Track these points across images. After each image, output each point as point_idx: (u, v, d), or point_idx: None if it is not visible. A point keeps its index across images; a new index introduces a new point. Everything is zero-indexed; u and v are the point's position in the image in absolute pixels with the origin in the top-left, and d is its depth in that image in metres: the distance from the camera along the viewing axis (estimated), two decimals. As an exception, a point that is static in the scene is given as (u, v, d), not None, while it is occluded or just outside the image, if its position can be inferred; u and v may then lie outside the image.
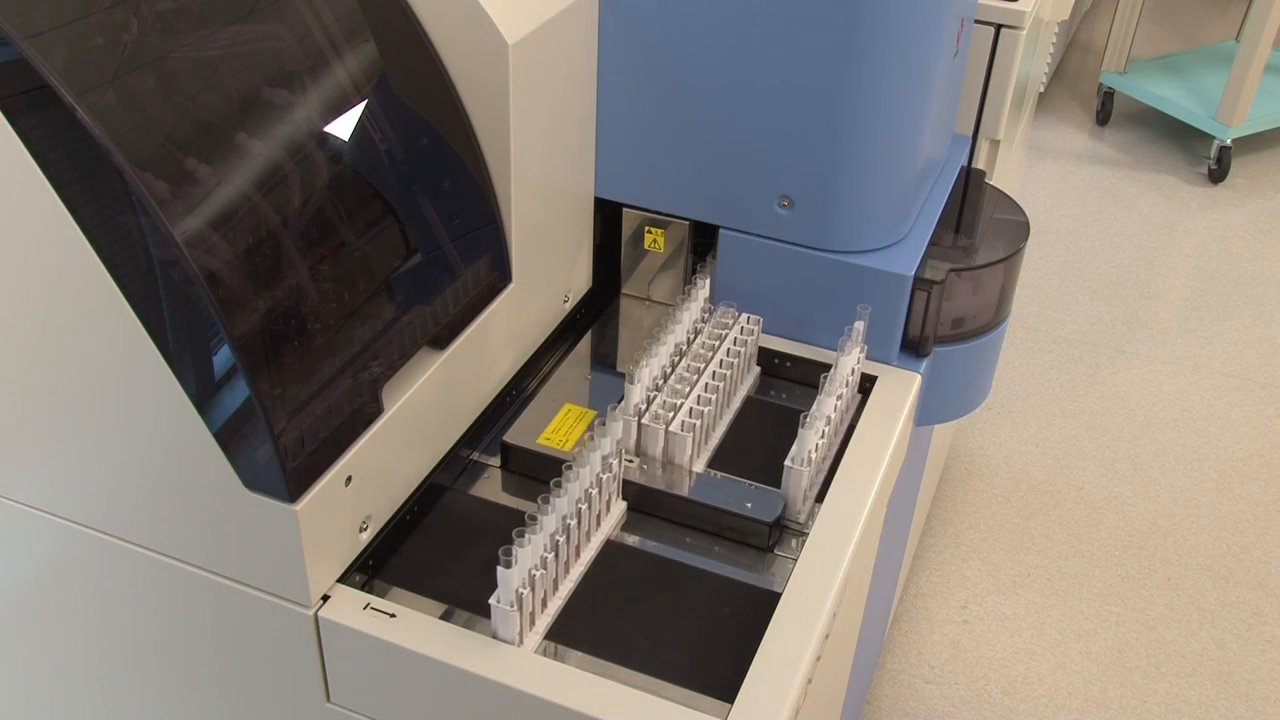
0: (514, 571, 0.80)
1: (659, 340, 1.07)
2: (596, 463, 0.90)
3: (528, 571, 0.82)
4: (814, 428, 0.98)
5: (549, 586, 0.85)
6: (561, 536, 0.84)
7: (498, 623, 0.82)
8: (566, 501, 0.86)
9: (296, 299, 0.78)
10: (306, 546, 0.81)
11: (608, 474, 0.91)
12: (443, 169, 0.94)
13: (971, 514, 2.01)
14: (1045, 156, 3.14)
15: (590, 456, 0.89)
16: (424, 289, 0.91)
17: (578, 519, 0.87)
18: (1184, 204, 2.95)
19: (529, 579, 0.82)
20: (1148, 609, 1.83)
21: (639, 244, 1.22)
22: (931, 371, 1.17)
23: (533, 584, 0.82)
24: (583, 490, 0.88)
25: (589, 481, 0.89)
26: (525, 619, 0.83)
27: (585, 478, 0.88)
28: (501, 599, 0.81)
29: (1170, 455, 2.14)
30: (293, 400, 0.77)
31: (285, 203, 0.79)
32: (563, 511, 0.85)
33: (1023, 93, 1.61)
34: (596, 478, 0.90)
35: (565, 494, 0.86)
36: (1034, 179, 3.03)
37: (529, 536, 0.82)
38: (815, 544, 0.93)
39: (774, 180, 1.10)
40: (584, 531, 0.88)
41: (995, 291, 1.20)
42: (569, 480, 0.87)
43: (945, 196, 1.25)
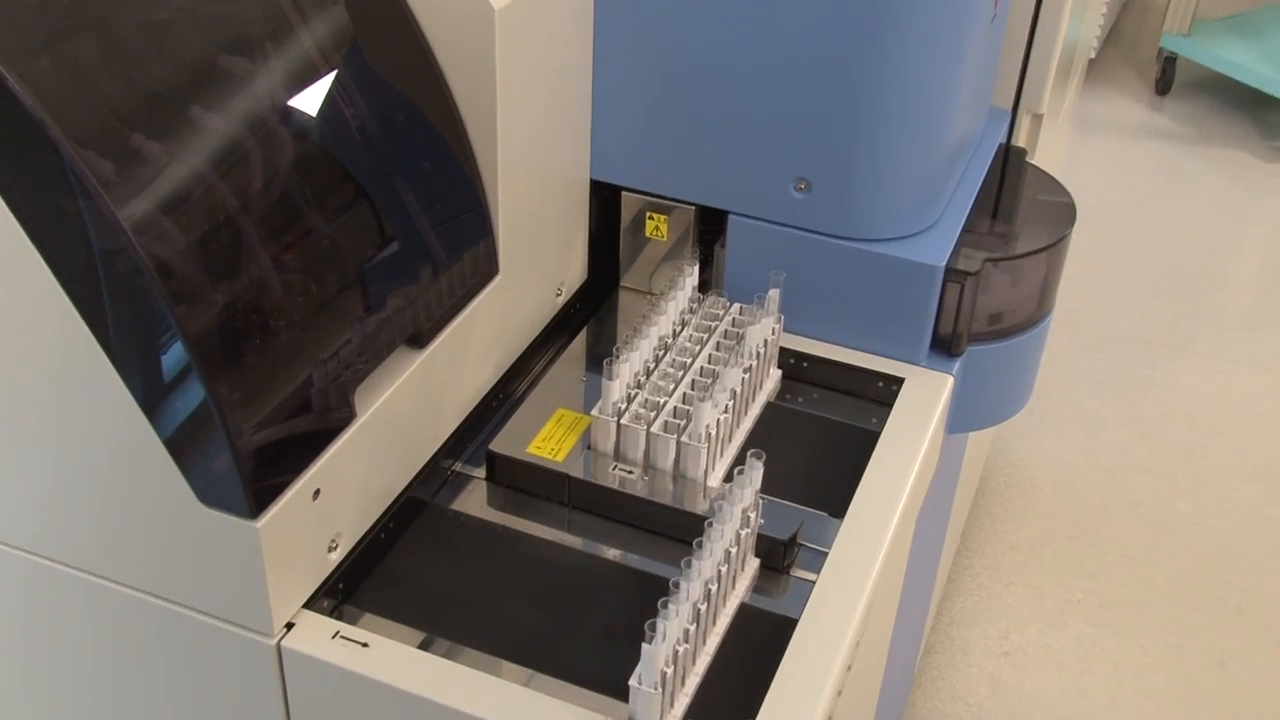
0: (660, 648, 0.79)
1: (640, 333, 1.07)
2: (736, 516, 0.89)
3: (673, 647, 0.81)
4: (715, 401, 0.98)
5: (688, 662, 0.83)
6: (704, 605, 0.84)
7: (637, 708, 0.80)
8: (711, 564, 0.85)
9: (258, 292, 0.79)
10: (269, 568, 0.82)
11: (746, 529, 0.91)
12: (422, 148, 0.95)
13: (1012, 533, 2.01)
14: (1096, 131, 3.14)
15: (730, 510, 0.89)
16: (401, 281, 0.91)
17: (718, 582, 0.86)
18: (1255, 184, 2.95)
19: (673, 655, 0.81)
20: (1215, 642, 1.83)
21: (639, 232, 1.22)
22: (965, 373, 1.17)
23: (676, 660, 0.81)
24: (724, 550, 0.87)
25: (730, 539, 0.88)
26: (666, 700, 0.81)
27: (727, 535, 0.88)
28: (645, 679, 0.79)
29: (1239, 468, 2.14)
30: (254, 404, 0.78)
31: (245, 185, 0.79)
32: (706, 575, 0.85)
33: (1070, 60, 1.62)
34: (736, 535, 0.89)
35: (709, 555, 0.85)
36: (1083, 157, 3.03)
37: (673, 606, 0.81)
38: (835, 564, 0.94)
39: (789, 160, 1.10)
40: (721, 595, 0.88)
41: (1037, 283, 1.21)
42: (711, 540, 0.87)
43: (981, 178, 1.25)
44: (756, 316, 1.08)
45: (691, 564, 0.84)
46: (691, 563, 0.84)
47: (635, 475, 1.02)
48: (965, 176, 1.24)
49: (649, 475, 1.02)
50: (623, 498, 1.01)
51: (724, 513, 0.88)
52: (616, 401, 1.03)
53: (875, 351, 1.15)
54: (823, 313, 1.15)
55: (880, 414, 1.10)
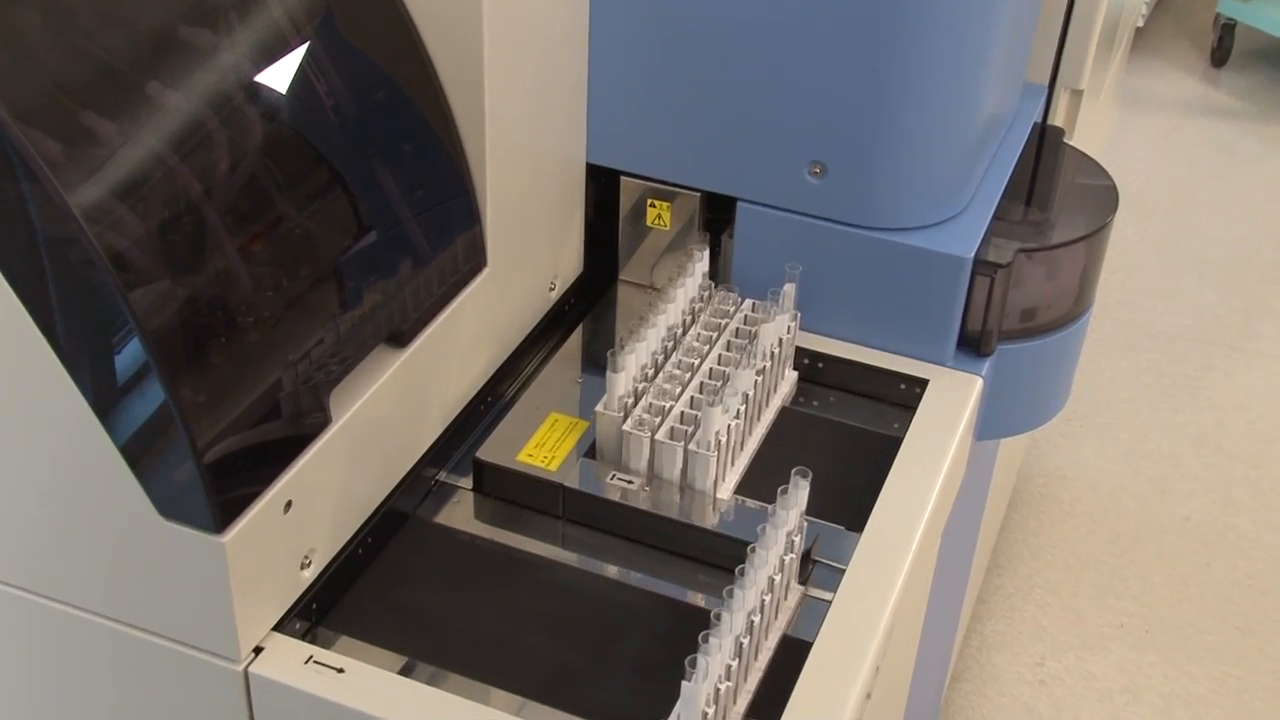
0: (701, 686, 0.79)
1: (647, 321, 1.07)
2: (780, 540, 0.89)
3: (714, 685, 0.80)
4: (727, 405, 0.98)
5: (729, 701, 0.83)
6: (746, 638, 0.84)
7: None
8: (754, 594, 0.85)
9: (224, 285, 0.79)
10: (236, 587, 0.82)
11: (791, 554, 0.91)
12: (403, 129, 0.95)
13: (1049, 549, 2.01)
14: (1143, 108, 3.14)
15: (774, 534, 0.88)
16: (380, 274, 0.91)
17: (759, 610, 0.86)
18: (1319, 167, 2.94)
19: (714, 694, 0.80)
20: (1275, 670, 1.83)
21: (640, 220, 1.23)
22: (996, 374, 1.17)
23: (718, 699, 0.81)
24: (768, 577, 0.87)
25: (774, 565, 0.88)
26: None
27: (771, 561, 0.88)
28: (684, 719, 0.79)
29: (1296, 477, 2.14)
30: (219, 408, 0.78)
31: (209, 169, 0.79)
32: (749, 605, 0.85)
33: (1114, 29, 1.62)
34: (780, 561, 0.89)
35: (753, 584, 0.85)
36: (1129, 136, 3.02)
37: (714, 640, 0.81)
38: (854, 583, 0.94)
39: (803, 142, 1.10)
40: (764, 626, 0.88)
41: (1075, 276, 1.21)
42: (754, 567, 0.86)
43: (1014, 160, 1.25)
44: (770, 313, 1.08)
45: (734, 593, 0.84)
46: (734, 592, 0.84)
47: (637, 486, 1.02)
48: (996, 159, 1.24)
49: (652, 486, 1.02)
50: (623, 511, 1.01)
51: (767, 536, 0.88)
52: (622, 396, 1.03)
53: (897, 351, 1.15)
54: (841, 309, 1.16)
55: (903, 419, 1.10)
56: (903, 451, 1.06)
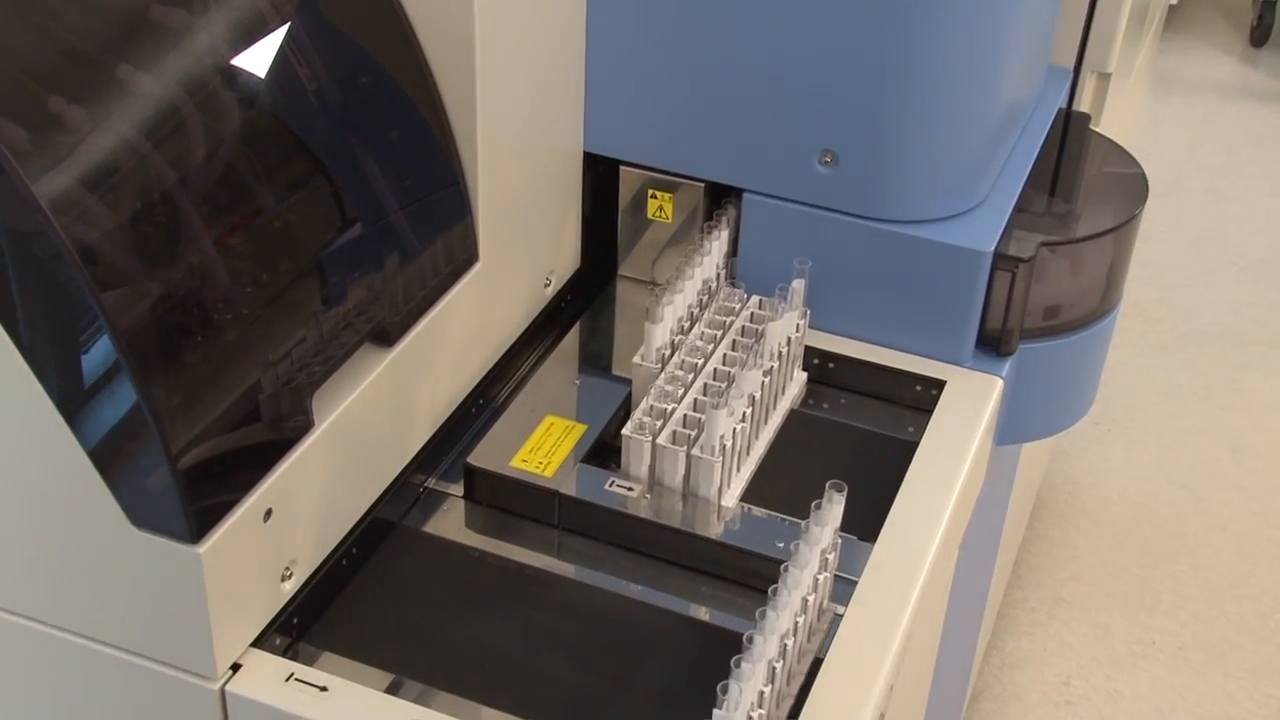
0: (734, 715, 0.79)
1: (684, 275, 1.10)
2: (814, 559, 0.90)
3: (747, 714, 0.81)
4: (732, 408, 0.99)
5: None
6: (779, 662, 0.84)
7: None
8: (787, 616, 0.86)
9: (200, 281, 0.79)
10: (212, 600, 0.82)
11: (825, 574, 0.91)
12: (389, 115, 0.95)
13: (1075, 561, 2.01)
14: (1177, 91, 3.14)
15: (807, 552, 0.88)
16: (365, 270, 0.91)
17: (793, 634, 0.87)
18: (1365, 155, 2.94)
19: None
20: (1314, 689, 1.83)
21: (640, 212, 1.23)
22: (1017, 375, 1.18)
23: None
24: (801, 598, 0.88)
25: (807, 586, 0.89)
26: None
27: (804, 581, 0.88)
28: None
29: (1339, 485, 2.14)
30: (194, 411, 0.78)
31: (184, 157, 0.79)
32: (782, 629, 0.85)
33: (1145, 7, 1.62)
34: (814, 580, 0.90)
35: (786, 605, 0.85)
36: (1160, 122, 3.02)
37: (747, 665, 0.81)
38: (866, 596, 0.94)
39: (813, 129, 1.10)
40: (797, 649, 0.89)
41: (1102, 271, 1.21)
42: (788, 586, 0.87)
43: (1037, 148, 1.25)
44: (778, 311, 1.08)
45: (766, 614, 0.84)
46: (766, 613, 0.84)
47: (637, 493, 1.02)
48: (1018, 147, 1.24)
49: (653, 493, 1.02)
50: (622, 519, 1.01)
51: (800, 554, 0.89)
52: (660, 347, 1.06)
53: (913, 350, 1.15)
54: (852, 306, 1.16)
55: (918, 422, 1.11)
56: (918, 457, 1.06)
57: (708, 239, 1.15)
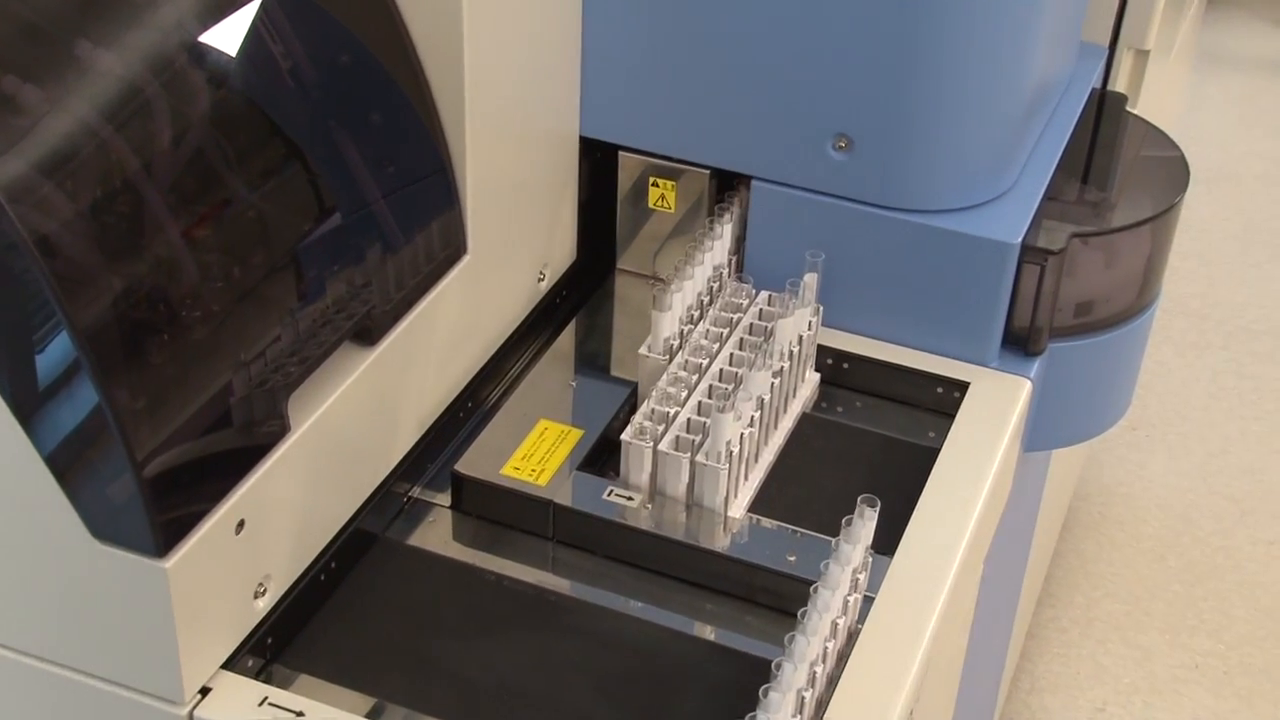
0: None
1: (693, 260, 1.11)
2: (845, 580, 0.89)
3: None
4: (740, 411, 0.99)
5: None
6: (809, 691, 0.84)
7: None
8: (817, 641, 0.86)
9: (167, 275, 0.79)
10: (180, 619, 0.82)
11: (854, 594, 0.91)
12: (370, 96, 0.96)
13: (1110, 578, 2.01)
14: (1222, 68, 3.13)
15: (836, 572, 0.89)
16: (345, 263, 0.92)
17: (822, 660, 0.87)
18: None
19: None
20: (1372, 716, 1.83)
21: (641, 201, 1.23)
22: (1047, 376, 1.18)
23: None
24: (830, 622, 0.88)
25: (837, 609, 0.88)
26: None
27: (834, 604, 0.88)
28: None
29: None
30: (161, 414, 0.78)
31: (149, 141, 0.80)
32: (811, 656, 0.85)
33: (1185, -19, 1.61)
34: (844, 603, 0.90)
35: (816, 630, 0.85)
36: (1203, 102, 3.02)
37: (775, 695, 0.81)
38: (884, 614, 0.94)
39: (827, 113, 1.11)
40: (826, 676, 0.89)
41: (1139, 263, 1.21)
42: (818, 610, 0.86)
43: (1068, 132, 1.26)
44: (789, 307, 1.08)
45: (796, 639, 0.84)
46: (796, 639, 0.84)
47: (637, 503, 1.02)
48: (1048, 131, 1.24)
49: (655, 503, 1.03)
50: (621, 531, 1.01)
51: (830, 575, 0.89)
52: (668, 338, 1.07)
53: (934, 350, 1.16)
54: (869, 302, 1.16)
55: (940, 427, 1.11)
56: (939, 464, 1.06)
57: (713, 230, 1.15)
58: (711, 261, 1.14)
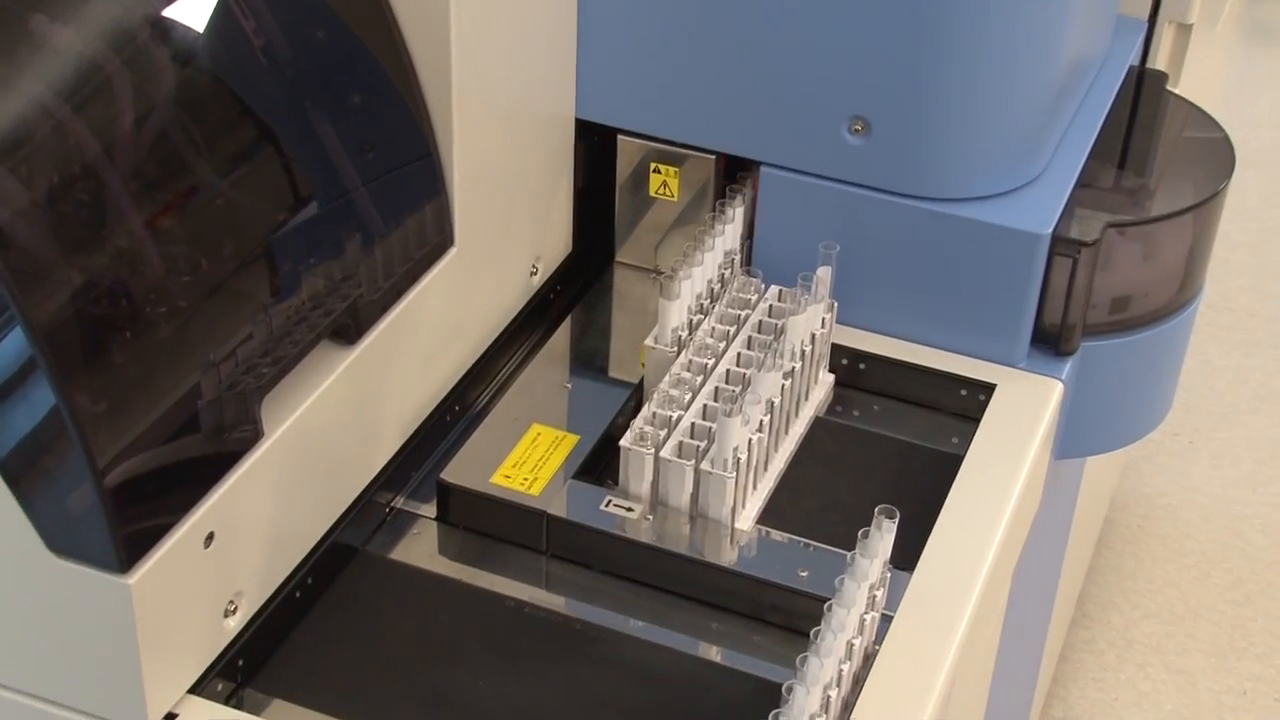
0: None
1: (703, 245, 1.11)
2: (861, 598, 0.89)
3: None
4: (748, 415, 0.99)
5: None
6: (822, 717, 0.84)
7: None
8: (832, 663, 0.86)
9: (130, 268, 0.79)
10: (144, 639, 0.82)
11: (871, 613, 0.91)
12: (350, 76, 0.96)
13: (1151, 595, 2.01)
14: (1273, 43, 3.12)
15: (852, 589, 0.88)
16: (323, 256, 0.92)
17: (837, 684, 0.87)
18: None
19: None
20: None
21: (642, 189, 1.23)
22: (1080, 377, 1.18)
23: None
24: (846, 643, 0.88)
25: (853, 629, 0.88)
26: None
27: (850, 624, 0.88)
28: None
29: None
30: (124, 418, 0.78)
31: (110, 125, 0.80)
32: (825, 679, 0.85)
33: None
34: (860, 621, 0.89)
35: (830, 651, 0.85)
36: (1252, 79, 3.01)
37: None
38: (903, 634, 0.94)
39: (842, 93, 1.11)
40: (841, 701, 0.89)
41: (1180, 255, 1.21)
42: (832, 629, 0.86)
43: (1104, 114, 1.25)
44: (801, 303, 1.09)
45: (809, 662, 0.84)
46: (808, 660, 0.84)
47: (637, 514, 1.02)
48: (1081, 112, 1.24)
49: (656, 514, 1.03)
50: (620, 544, 1.01)
51: (846, 592, 0.89)
52: (677, 328, 1.07)
53: (957, 349, 1.16)
54: (887, 298, 1.16)
55: (963, 432, 1.11)
56: (963, 473, 1.06)
57: (719, 220, 1.15)
58: (720, 250, 1.14)
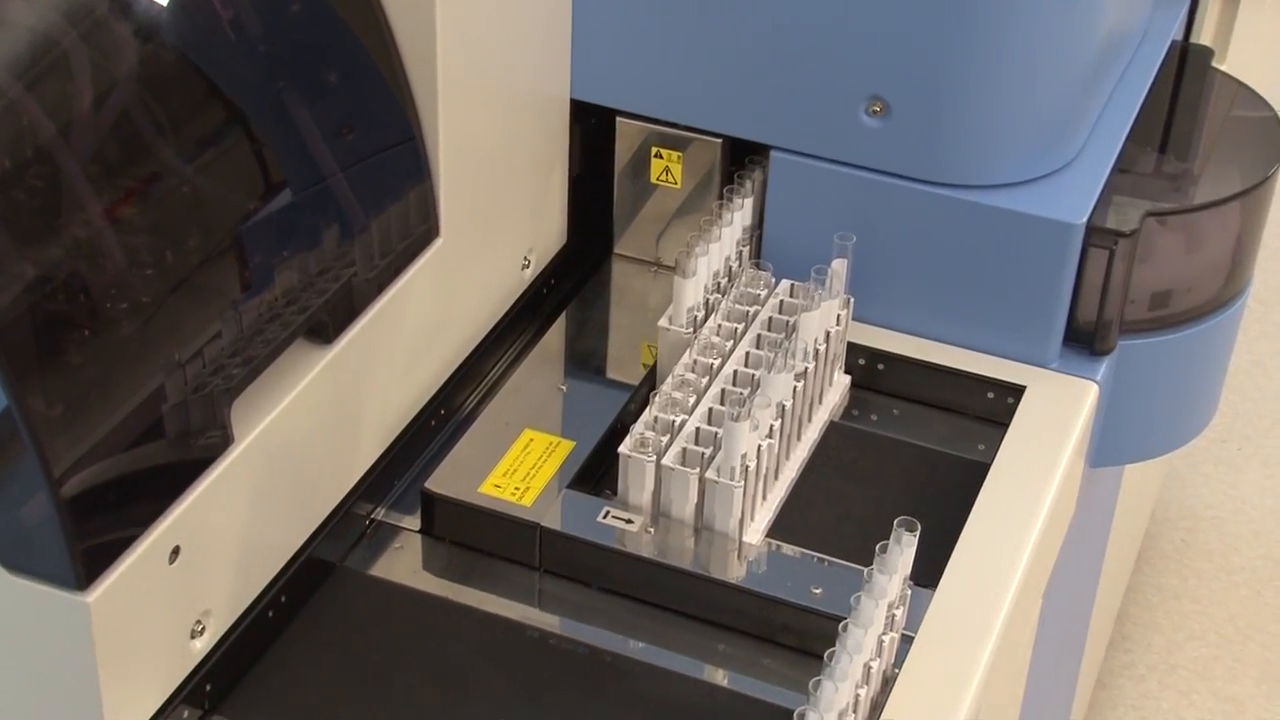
0: None
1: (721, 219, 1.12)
2: (879, 617, 0.89)
3: None
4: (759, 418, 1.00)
5: None
6: None
7: None
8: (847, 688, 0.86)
9: (87, 261, 0.79)
10: (103, 662, 0.82)
11: (890, 633, 0.91)
12: (328, 53, 0.96)
13: (1196, 616, 2.00)
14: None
15: (870, 608, 0.88)
16: (297, 248, 0.92)
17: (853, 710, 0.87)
18: None
19: None
20: None
21: (642, 175, 1.23)
22: (1117, 379, 1.18)
23: None
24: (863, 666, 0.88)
25: (870, 650, 0.89)
26: None
27: (867, 645, 0.88)
28: None
29: None
30: (83, 424, 0.78)
31: (65, 105, 0.80)
32: (840, 705, 0.85)
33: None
34: (878, 643, 0.90)
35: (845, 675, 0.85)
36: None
37: None
38: (925, 657, 0.94)
39: (859, 72, 1.11)
40: None
41: (1226, 246, 1.21)
42: (848, 651, 0.86)
43: (1143, 93, 1.25)
44: (814, 299, 1.09)
45: (822, 686, 0.84)
46: (822, 684, 0.84)
47: (638, 526, 1.02)
48: (1118, 91, 1.24)
49: (658, 527, 1.03)
50: (619, 559, 1.01)
51: (863, 611, 0.89)
52: (692, 309, 1.08)
53: (984, 349, 1.16)
54: (907, 293, 1.16)
55: (990, 438, 1.11)
56: (990, 482, 1.06)
57: (726, 209, 1.15)
58: (727, 242, 1.14)
